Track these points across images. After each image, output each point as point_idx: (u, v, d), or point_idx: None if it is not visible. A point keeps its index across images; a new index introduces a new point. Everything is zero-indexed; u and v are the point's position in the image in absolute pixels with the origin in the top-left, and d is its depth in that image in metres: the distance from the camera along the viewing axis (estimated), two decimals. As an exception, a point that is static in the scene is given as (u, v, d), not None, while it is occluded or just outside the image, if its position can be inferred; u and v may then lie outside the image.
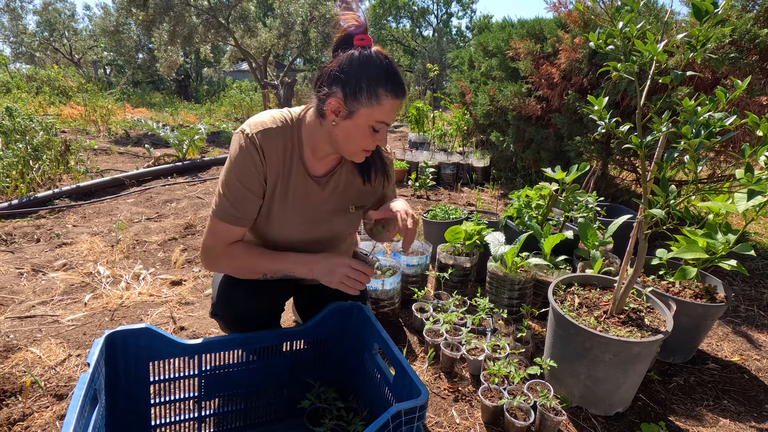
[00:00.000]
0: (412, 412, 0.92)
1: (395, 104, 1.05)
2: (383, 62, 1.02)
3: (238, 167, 1.09)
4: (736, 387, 1.67)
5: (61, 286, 2.26)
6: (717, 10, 1.01)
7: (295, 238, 1.27)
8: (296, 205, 1.20)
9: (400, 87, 1.04)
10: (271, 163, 1.12)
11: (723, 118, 1.09)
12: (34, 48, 19.88)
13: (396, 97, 1.03)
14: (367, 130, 1.06)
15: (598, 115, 1.36)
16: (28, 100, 9.38)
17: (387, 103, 1.03)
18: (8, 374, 1.53)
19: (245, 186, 1.10)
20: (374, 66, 1.01)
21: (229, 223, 1.11)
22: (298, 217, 1.22)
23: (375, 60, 1.01)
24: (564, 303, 1.57)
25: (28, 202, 3.45)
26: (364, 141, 1.08)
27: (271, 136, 1.10)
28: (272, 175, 1.14)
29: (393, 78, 1.02)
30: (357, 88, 1.01)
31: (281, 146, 1.12)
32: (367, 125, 1.05)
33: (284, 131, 1.13)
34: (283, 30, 10.75)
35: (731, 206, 1.48)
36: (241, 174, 1.09)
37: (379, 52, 1.03)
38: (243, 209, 1.12)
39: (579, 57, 3.14)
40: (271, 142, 1.10)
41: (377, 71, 1.01)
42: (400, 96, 1.04)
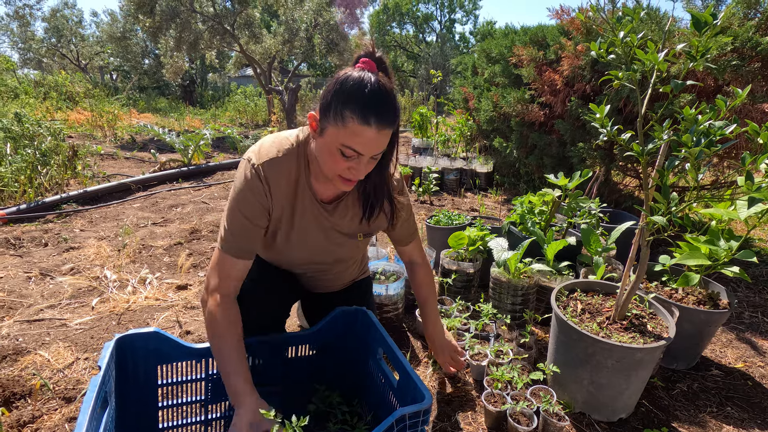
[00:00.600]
0: (416, 417, 0.93)
1: (364, 131, 0.94)
2: (363, 86, 0.94)
3: (243, 200, 1.08)
4: (740, 394, 1.67)
5: (68, 290, 2.28)
6: (716, 22, 1.03)
7: (300, 261, 1.29)
8: (302, 229, 1.19)
9: (372, 112, 0.94)
10: (277, 195, 1.10)
11: (723, 126, 1.10)
12: (41, 54, 20.12)
13: (363, 122, 0.93)
14: (336, 152, 0.99)
15: (600, 123, 1.38)
16: (36, 105, 9.50)
17: (352, 126, 0.94)
18: (18, 377, 1.56)
19: (249, 219, 1.09)
20: (351, 86, 0.94)
21: (233, 256, 1.09)
22: (304, 242, 1.21)
23: (356, 81, 0.94)
24: (567, 309, 1.58)
25: (36, 206, 3.50)
26: (335, 164, 1.01)
27: (277, 167, 1.08)
28: (278, 205, 1.13)
29: (366, 102, 0.93)
30: (327, 105, 0.96)
31: (287, 175, 1.10)
32: (334, 146, 0.98)
33: (291, 159, 1.10)
34: (287, 36, 10.84)
35: (733, 213, 1.49)
36: (245, 207, 1.08)
37: (371, 77, 0.95)
38: (247, 241, 1.10)
39: (582, 64, 3.16)
40: (277, 173, 1.08)
41: (351, 91, 0.94)
42: (369, 122, 0.94)
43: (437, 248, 2.40)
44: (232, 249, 1.09)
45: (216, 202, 4.14)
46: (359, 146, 0.97)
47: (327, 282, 1.43)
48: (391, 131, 1.01)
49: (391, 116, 0.97)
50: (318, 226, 1.20)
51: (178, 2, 9.51)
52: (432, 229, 2.69)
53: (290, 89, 10.17)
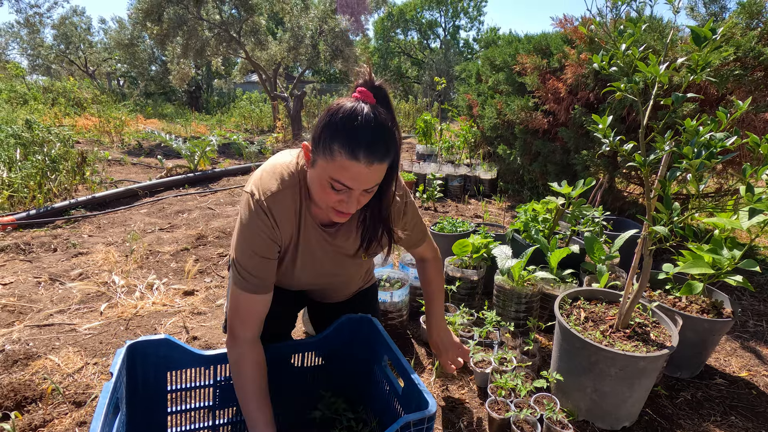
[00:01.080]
0: (421, 424, 0.95)
1: (352, 165, 0.91)
2: (353, 119, 0.91)
3: (252, 237, 1.07)
4: (744, 403, 1.67)
5: (77, 295, 2.32)
6: (715, 36, 1.05)
7: (306, 283, 1.31)
8: (307, 254, 1.19)
9: (361, 148, 0.90)
10: (283, 226, 1.10)
11: (724, 138, 1.12)
12: (50, 60, 20.40)
13: (352, 156, 0.90)
14: (326, 185, 0.96)
15: (602, 134, 1.40)
16: (44, 111, 9.63)
17: (341, 160, 0.91)
18: (29, 381, 1.58)
19: (260, 254, 1.08)
20: (341, 118, 0.91)
21: (251, 292, 1.08)
22: (310, 266, 1.21)
23: (347, 113, 0.91)
24: (570, 317, 1.59)
25: (45, 212, 3.55)
26: (326, 197, 0.99)
27: (281, 200, 1.07)
28: (286, 235, 1.12)
29: (354, 137, 0.90)
30: (318, 137, 0.94)
31: (291, 206, 1.10)
32: (324, 179, 0.96)
33: (293, 189, 1.09)
34: (293, 43, 10.95)
35: (736, 222, 1.50)
36: (256, 244, 1.07)
37: (363, 108, 0.92)
38: (263, 276, 1.09)
39: (585, 72, 3.19)
40: (282, 205, 1.07)
41: (340, 124, 0.91)
42: (358, 157, 0.90)
43: (441, 255, 2.41)
44: (251, 287, 1.08)
45: (222, 208, 4.18)
46: (348, 181, 0.94)
47: (333, 294, 1.46)
48: (384, 165, 0.97)
49: (382, 151, 0.93)
50: (322, 249, 1.20)
51: (185, 10, 9.64)
52: (436, 236, 2.71)
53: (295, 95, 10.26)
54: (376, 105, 0.95)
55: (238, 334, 1.10)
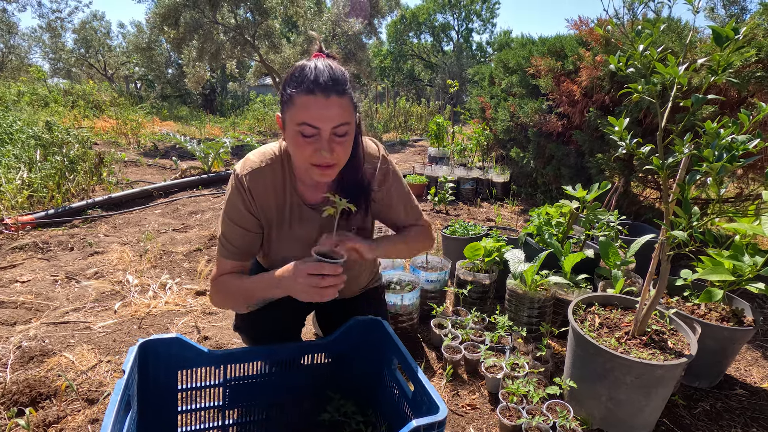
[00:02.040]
0: (431, 429, 0.93)
1: (311, 101, 0.95)
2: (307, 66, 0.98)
3: (229, 207, 1.16)
4: (766, 414, 1.61)
5: (92, 293, 2.35)
6: (737, 36, 1.02)
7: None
8: (295, 232, 1.22)
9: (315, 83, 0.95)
10: (261, 201, 1.16)
11: (746, 141, 1.09)
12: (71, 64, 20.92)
13: (308, 92, 0.95)
14: (298, 137, 0.99)
15: (619, 136, 1.37)
16: (64, 113, 9.86)
17: (299, 100, 0.96)
18: (44, 377, 1.61)
19: (236, 224, 1.16)
20: (295, 70, 0.99)
21: (226, 258, 1.18)
22: (298, 245, 1.22)
23: (300, 66, 0.99)
24: (584, 323, 1.56)
25: (63, 212, 3.62)
26: (301, 150, 1.01)
27: (259, 176, 1.14)
28: (266, 211, 1.18)
29: (306, 77, 0.96)
30: (282, 98, 1.02)
31: (272, 183, 1.16)
32: (294, 131, 0.99)
33: (274, 167, 1.16)
34: (306, 46, 11.04)
35: (758, 228, 1.46)
36: (231, 213, 1.16)
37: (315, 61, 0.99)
38: (238, 244, 1.17)
39: (600, 75, 3.14)
40: (260, 181, 1.14)
41: (295, 74, 0.98)
42: (314, 92, 0.95)
43: (453, 258, 2.40)
44: (232, 254, 1.17)
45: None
46: (312, 119, 0.97)
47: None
48: (345, 101, 0.99)
49: (337, 84, 0.97)
50: (309, 226, 1.23)
51: (201, 14, 9.80)
52: (447, 239, 2.69)
53: (308, 98, 10.32)
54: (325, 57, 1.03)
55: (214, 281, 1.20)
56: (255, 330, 1.36)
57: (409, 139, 10.61)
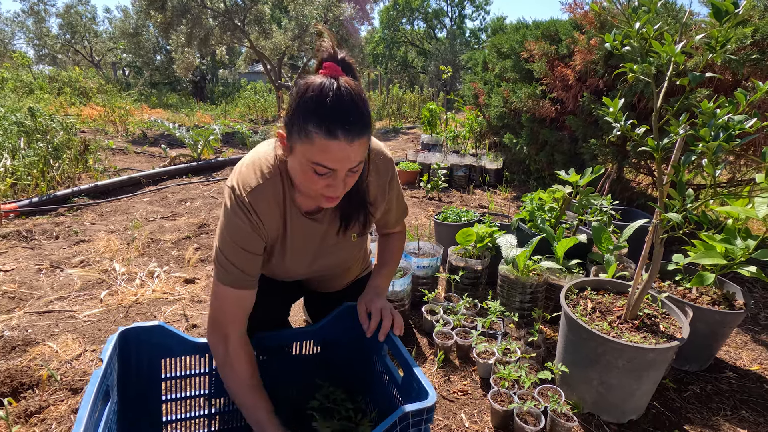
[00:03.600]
0: (420, 415, 0.91)
1: (332, 145, 0.85)
2: (326, 95, 0.83)
3: (234, 231, 1.02)
4: (755, 397, 1.62)
5: (78, 282, 2.31)
6: (738, 10, 0.99)
7: (301, 273, 1.27)
8: (297, 245, 1.15)
9: (338, 125, 0.84)
10: (267, 220, 1.05)
11: (743, 120, 1.06)
12: (56, 50, 20.41)
13: (330, 136, 0.84)
14: (309, 171, 0.90)
15: (613, 117, 1.34)
16: (50, 100, 9.64)
17: (319, 142, 0.85)
18: (26, 368, 1.57)
19: (243, 248, 1.03)
20: (311, 96, 0.84)
21: (232, 286, 1.03)
22: (301, 256, 1.18)
23: (317, 90, 0.84)
24: (576, 307, 1.55)
25: (48, 200, 3.54)
26: (312, 183, 0.92)
27: (261, 194, 1.01)
28: (271, 229, 1.08)
29: (330, 115, 0.83)
30: (291, 122, 0.88)
31: (274, 199, 1.04)
32: (306, 165, 0.89)
33: (274, 182, 1.03)
34: (297, 32, 10.84)
35: (751, 211, 1.44)
36: (239, 238, 1.02)
37: (333, 82, 0.85)
38: (246, 270, 1.04)
39: (594, 59, 3.10)
40: (263, 200, 1.02)
41: (312, 103, 0.84)
42: (336, 135, 0.84)
43: (445, 245, 2.37)
44: (237, 281, 1.03)
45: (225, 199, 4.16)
46: (330, 162, 0.87)
47: (330, 283, 1.42)
48: (366, 139, 0.90)
49: (360, 124, 0.86)
50: (310, 237, 1.16)
51: (189, -2, 9.56)
52: (440, 226, 2.67)
53: (300, 85, 10.16)
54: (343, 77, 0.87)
55: (227, 332, 1.05)
56: None
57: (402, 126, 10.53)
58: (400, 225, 1.40)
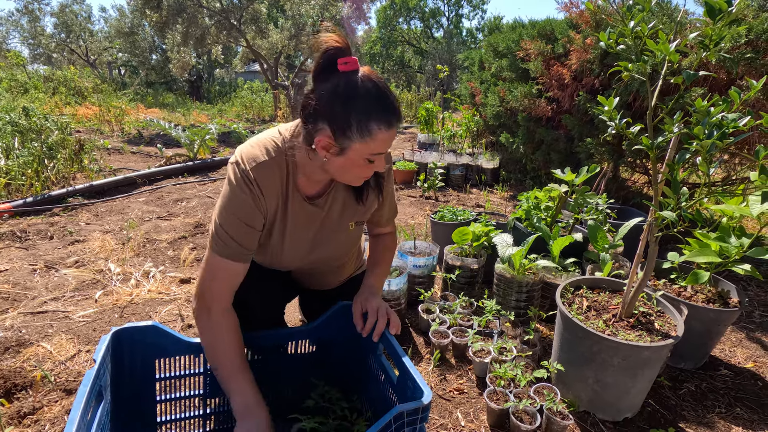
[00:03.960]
0: (415, 414, 0.91)
1: (390, 134, 0.96)
2: (371, 90, 0.91)
3: (235, 202, 1.04)
4: (750, 394, 1.63)
5: (72, 282, 2.29)
6: (731, 9, 0.99)
7: (296, 261, 1.27)
8: (296, 230, 1.16)
9: (394, 115, 0.95)
10: (269, 197, 1.07)
11: (737, 119, 1.07)
12: (51, 49, 20.29)
13: (390, 127, 0.95)
14: (363, 163, 0.99)
15: (609, 116, 1.34)
16: (45, 100, 9.58)
17: (380, 135, 0.94)
18: (19, 368, 1.56)
19: (244, 221, 1.05)
20: (362, 97, 0.91)
21: (229, 258, 1.05)
22: (300, 242, 1.19)
23: (362, 89, 0.91)
24: (572, 306, 1.55)
25: (42, 200, 3.52)
26: (362, 173, 1.03)
27: (265, 170, 1.04)
28: (271, 206, 1.09)
29: (385, 108, 0.93)
30: (346, 125, 0.92)
31: (277, 177, 1.07)
32: (361, 159, 0.98)
33: (278, 161, 1.06)
34: (294, 31, 10.82)
35: (745, 209, 1.45)
36: (238, 209, 1.04)
37: (368, 77, 0.92)
38: (243, 243, 1.06)
39: (590, 58, 3.11)
40: (267, 175, 1.05)
41: (366, 103, 0.91)
42: (394, 125, 0.96)
43: (441, 244, 2.37)
44: (232, 253, 1.05)
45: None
46: (384, 148, 0.98)
47: (325, 279, 1.42)
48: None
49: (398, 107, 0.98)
50: (310, 223, 1.18)
51: (184, -3, 9.52)
52: (436, 225, 2.67)
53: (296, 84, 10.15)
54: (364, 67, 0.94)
55: (212, 304, 1.06)
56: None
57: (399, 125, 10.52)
58: (390, 225, 1.42)
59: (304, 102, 0.97)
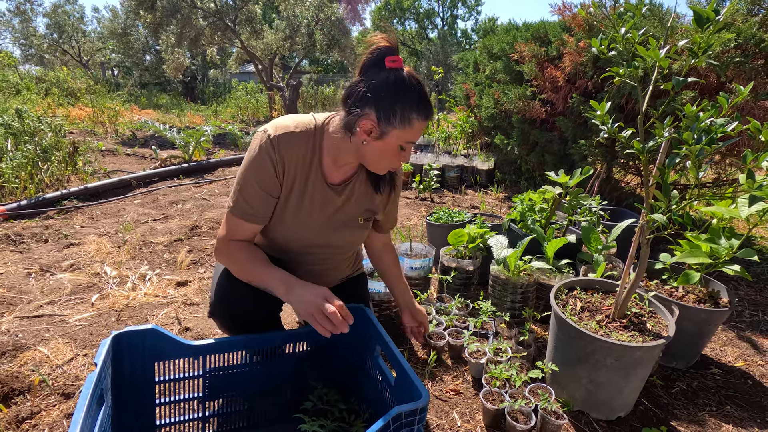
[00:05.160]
0: (413, 415, 0.93)
1: (423, 124, 1.11)
2: (416, 87, 1.08)
3: (255, 167, 1.13)
4: (740, 392, 1.66)
5: (68, 286, 2.29)
6: (718, 18, 1.02)
7: (303, 242, 1.30)
8: (312, 211, 1.24)
9: (430, 109, 1.11)
10: (289, 168, 1.16)
11: (725, 123, 1.09)
12: (43, 50, 20.12)
13: (426, 119, 1.10)
14: (396, 150, 1.12)
15: (601, 120, 1.37)
16: (38, 101, 9.51)
17: (417, 125, 1.10)
18: (17, 373, 1.56)
19: (261, 186, 1.14)
20: (408, 91, 1.06)
21: (242, 219, 1.16)
22: (311, 223, 1.26)
23: (408, 84, 1.07)
24: (566, 307, 1.57)
25: (36, 202, 3.50)
26: (394, 159, 1.15)
27: (292, 141, 1.14)
28: (289, 179, 1.18)
29: (424, 102, 1.09)
30: (391, 112, 1.06)
31: (302, 152, 1.16)
32: (396, 145, 1.11)
33: (306, 137, 1.16)
34: (288, 32, 10.81)
35: (734, 211, 1.48)
36: (258, 173, 1.13)
37: (411, 75, 1.08)
38: (257, 207, 1.16)
39: (583, 60, 3.14)
40: (292, 147, 1.14)
41: (410, 96, 1.07)
42: (429, 117, 1.11)
43: (437, 245, 2.39)
44: (246, 214, 1.15)
45: (216, 199, 4.14)
46: (416, 137, 1.13)
47: (324, 276, 1.43)
48: None
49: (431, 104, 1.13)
50: (325, 207, 1.25)
51: (179, -2, 9.48)
52: (432, 227, 2.69)
53: (291, 85, 10.15)
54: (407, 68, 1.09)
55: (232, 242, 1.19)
56: (231, 316, 1.32)
57: (394, 127, 10.53)
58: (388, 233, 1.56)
59: (350, 90, 1.10)
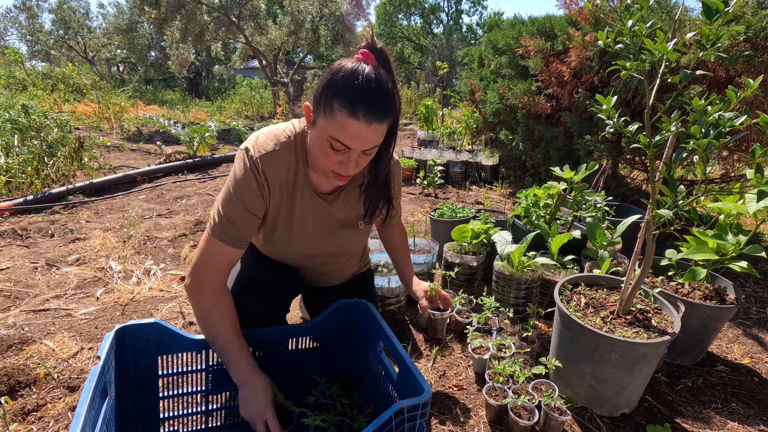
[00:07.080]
0: (415, 410, 0.93)
1: (351, 124, 0.92)
2: (358, 78, 0.91)
3: (240, 188, 1.06)
4: (746, 390, 1.65)
5: (74, 280, 2.30)
6: (728, 9, 1.00)
7: (302, 254, 1.29)
8: (304, 223, 1.19)
9: (361, 105, 0.90)
10: (274, 187, 1.10)
11: (733, 117, 1.07)
12: (49, 46, 20.22)
13: (351, 114, 0.91)
14: (326, 145, 0.97)
15: (607, 114, 1.35)
16: (44, 97, 9.56)
17: (340, 118, 0.92)
18: (23, 366, 1.57)
19: (247, 207, 1.07)
20: (342, 77, 0.92)
21: (224, 242, 1.07)
22: (305, 236, 1.21)
23: (348, 72, 0.92)
24: (570, 303, 1.56)
25: (42, 197, 3.52)
26: (326, 158, 1.00)
27: (274, 160, 1.06)
28: (276, 198, 1.12)
29: (355, 94, 0.91)
30: (319, 95, 0.95)
31: (285, 169, 1.09)
32: (324, 139, 0.97)
33: (287, 153, 1.09)
34: (293, 27, 10.79)
35: (741, 207, 1.46)
36: (243, 197, 1.06)
37: (365, 68, 0.93)
38: (242, 229, 1.08)
39: (590, 55, 3.11)
40: (274, 166, 1.07)
41: (341, 82, 0.92)
42: (357, 115, 0.91)
43: (441, 241, 2.39)
44: (230, 238, 1.07)
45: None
46: (347, 140, 0.95)
47: (329, 276, 1.43)
48: (384, 126, 0.98)
49: (382, 110, 0.94)
50: (318, 218, 1.20)
51: (183, -7, 9.48)
52: (436, 222, 2.68)
53: (295, 81, 10.14)
54: (377, 66, 0.96)
55: (207, 283, 1.09)
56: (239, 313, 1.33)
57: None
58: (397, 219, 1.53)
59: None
